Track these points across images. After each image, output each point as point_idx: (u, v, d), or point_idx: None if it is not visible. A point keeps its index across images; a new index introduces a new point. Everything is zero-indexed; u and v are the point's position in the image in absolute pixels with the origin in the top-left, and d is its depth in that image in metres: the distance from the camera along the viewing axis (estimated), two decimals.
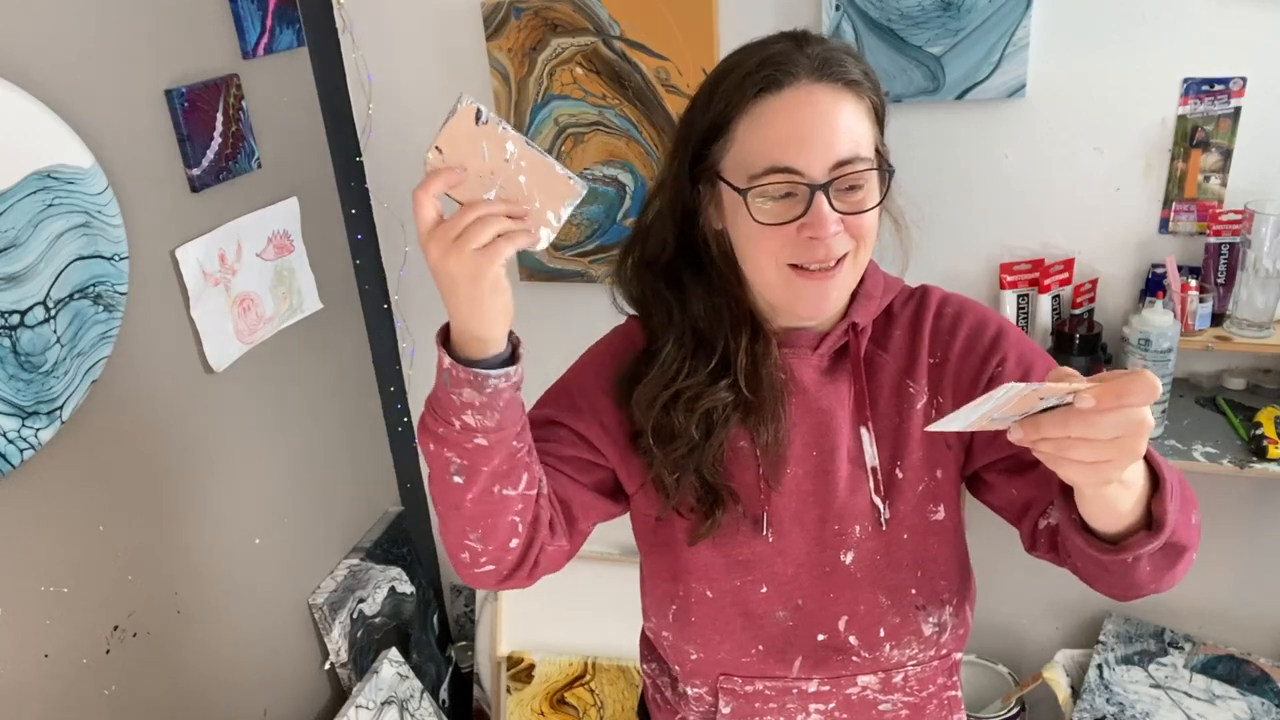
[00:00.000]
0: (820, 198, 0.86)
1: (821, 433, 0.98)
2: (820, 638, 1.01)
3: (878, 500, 0.98)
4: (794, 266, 0.91)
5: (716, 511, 0.98)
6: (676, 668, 1.08)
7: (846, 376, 0.99)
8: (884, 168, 0.92)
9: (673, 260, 1.00)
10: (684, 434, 0.96)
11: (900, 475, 0.98)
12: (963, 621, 1.04)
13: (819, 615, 1.00)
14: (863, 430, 0.98)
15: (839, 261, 0.90)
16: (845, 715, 1.05)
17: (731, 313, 0.98)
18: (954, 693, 1.08)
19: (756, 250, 0.92)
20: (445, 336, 0.87)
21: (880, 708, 1.05)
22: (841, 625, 1.00)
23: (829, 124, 0.87)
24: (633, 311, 1.06)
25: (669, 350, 0.98)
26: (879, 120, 0.95)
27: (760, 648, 1.02)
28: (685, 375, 0.97)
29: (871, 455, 0.98)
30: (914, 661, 1.03)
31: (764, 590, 1.00)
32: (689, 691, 1.08)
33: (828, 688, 1.03)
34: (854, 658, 1.01)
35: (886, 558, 0.99)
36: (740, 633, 1.01)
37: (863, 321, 0.98)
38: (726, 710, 1.05)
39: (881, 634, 1.00)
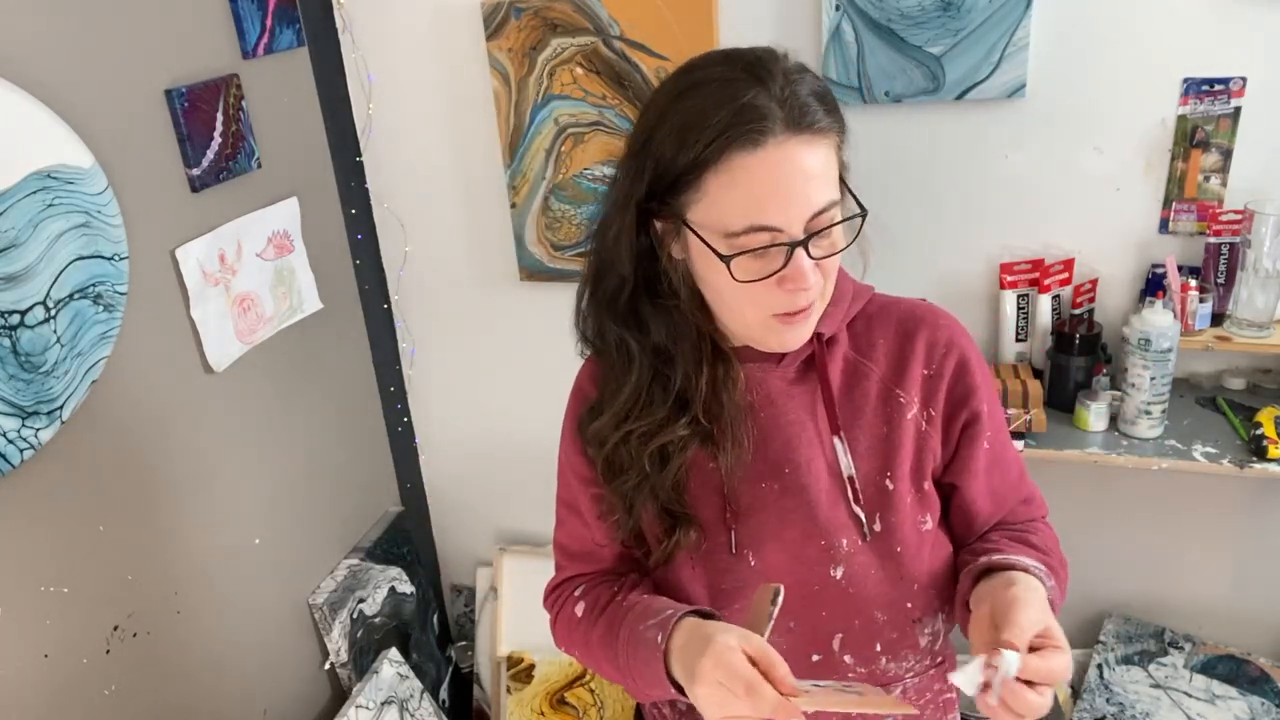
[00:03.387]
0: (800, 253, 0.85)
1: (793, 446, 0.97)
2: (815, 658, 0.99)
3: (858, 510, 0.96)
4: (775, 314, 0.90)
5: (677, 533, 0.97)
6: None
7: (817, 386, 0.98)
8: (859, 214, 0.90)
9: (633, 295, 0.96)
10: (634, 466, 0.96)
11: (891, 487, 0.97)
12: (952, 626, 1.05)
13: (812, 637, 0.99)
14: (836, 440, 0.97)
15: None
16: None
17: (693, 343, 0.96)
18: (949, 695, 1.08)
19: (738, 302, 0.90)
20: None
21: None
22: (836, 645, 0.99)
23: (807, 178, 0.84)
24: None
25: (627, 390, 0.97)
26: (841, 145, 0.91)
27: None
28: (639, 414, 0.96)
29: (847, 465, 0.96)
30: (911, 674, 1.02)
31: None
32: (683, 705, 1.07)
33: None
34: (850, 674, 1.00)
35: (882, 571, 0.97)
36: None
37: (828, 331, 0.97)
38: None
39: (878, 649, 0.99)
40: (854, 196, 0.92)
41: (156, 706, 1.48)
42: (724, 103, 0.84)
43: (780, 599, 0.85)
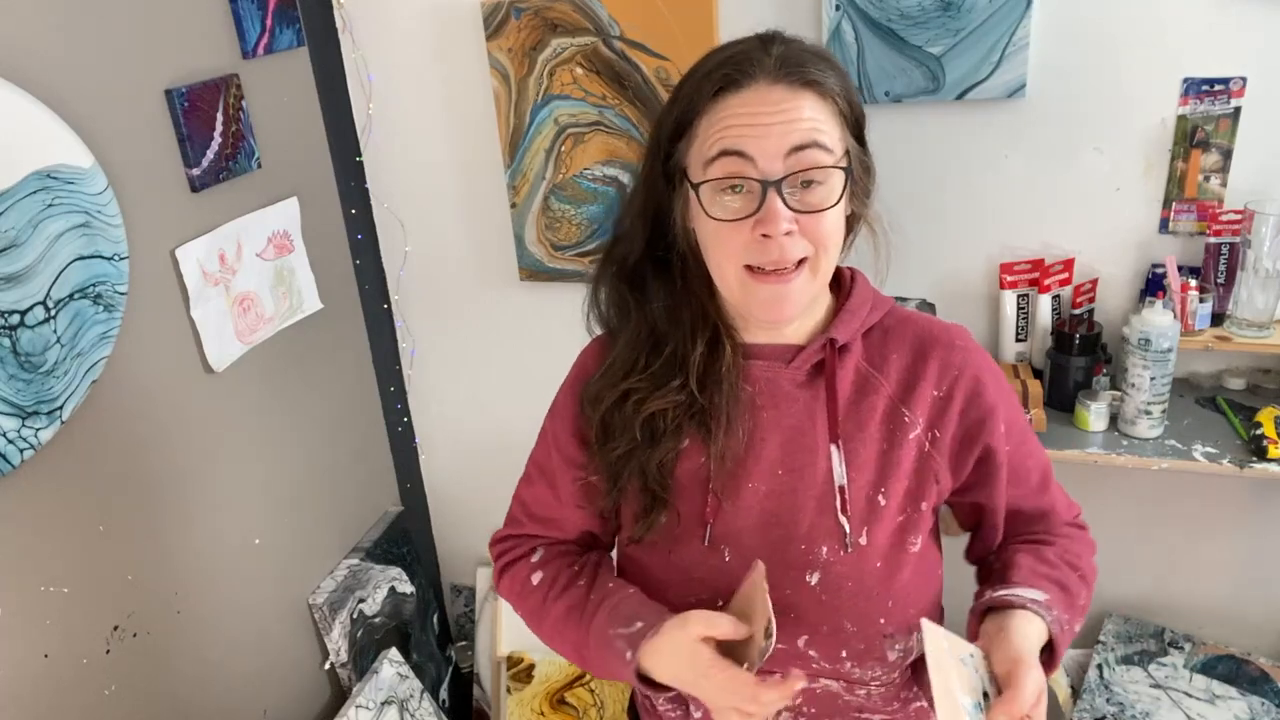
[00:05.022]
0: (772, 193, 0.86)
1: (791, 450, 0.97)
2: (779, 646, 0.98)
3: (843, 520, 0.96)
4: (750, 269, 0.90)
5: (654, 513, 0.98)
6: None
7: (823, 391, 0.97)
8: (847, 168, 0.90)
9: (639, 261, 0.99)
10: (626, 433, 0.97)
11: (882, 503, 0.96)
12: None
13: (778, 634, 0.99)
14: (833, 448, 0.96)
15: (797, 265, 0.89)
16: (814, 709, 1.03)
17: (692, 313, 0.97)
18: (919, 703, 1.07)
19: (716, 250, 0.92)
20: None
21: (848, 698, 1.04)
22: (801, 643, 0.98)
23: (784, 115, 0.86)
24: (598, 330, 1.07)
25: (621, 349, 0.99)
26: (852, 127, 0.93)
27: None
28: (636, 373, 0.98)
29: (840, 475, 0.96)
30: (877, 682, 1.02)
31: (720, 605, 0.97)
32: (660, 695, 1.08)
33: None
34: (813, 665, 1.00)
35: (857, 584, 0.96)
36: None
37: (842, 338, 0.97)
38: (698, 715, 1.06)
39: (843, 654, 0.99)
40: (850, 159, 0.91)
41: (156, 706, 1.48)
42: (718, 54, 0.92)
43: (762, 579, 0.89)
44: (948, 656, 0.88)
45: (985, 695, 0.88)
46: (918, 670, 1.05)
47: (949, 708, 0.84)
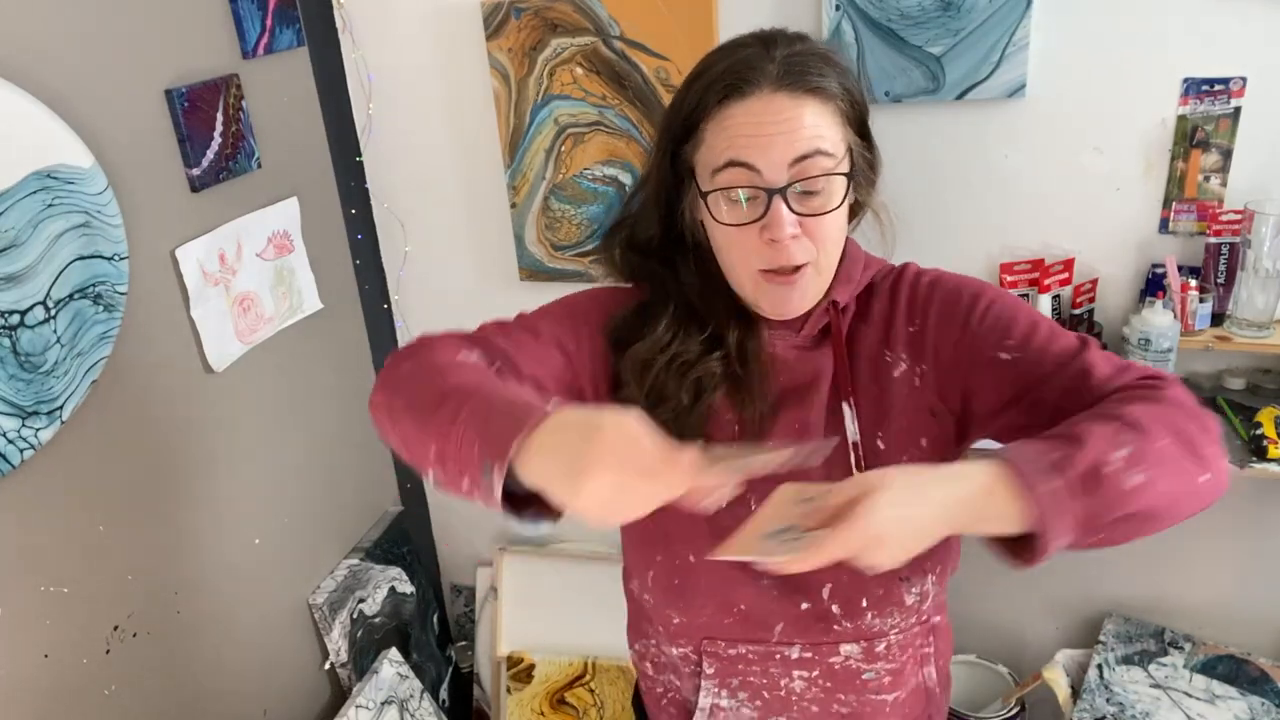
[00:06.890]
0: (777, 201, 0.90)
1: (806, 409, 1.01)
2: (804, 606, 1.02)
3: (856, 475, 0.98)
4: (762, 271, 0.95)
5: None
6: (660, 628, 1.11)
7: (830, 353, 1.02)
8: (850, 173, 0.94)
9: (661, 246, 1.03)
10: (674, 397, 1.00)
11: (882, 446, 1.00)
12: (943, 589, 1.08)
13: (802, 584, 1.01)
14: (844, 406, 1.00)
15: (801, 266, 0.94)
16: (829, 683, 1.07)
17: (721, 294, 1.01)
18: (927, 649, 1.11)
19: (729, 252, 0.96)
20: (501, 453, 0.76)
21: (864, 676, 1.07)
22: (825, 593, 1.02)
23: (789, 125, 0.89)
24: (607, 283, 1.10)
25: (665, 319, 1.01)
26: (856, 125, 0.96)
27: (742, 607, 1.03)
28: (679, 344, 1.01)
29: (853, 431, 1.00)
30: (896, 630, 1.05)
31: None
32: (675, 651, 1.10)
33: (810, 654, 1.05)
34: (835, 626, 1.03)
35: None
36: (722, 598, 1.03)
37: (843, 300, 1.01)
38: (710, 670, 1.08)
39: (864, 604, 1.02)
40: (854, 164, 0.94)
41: (156, 706, 1.48)
42: (724, 57, 0.94)
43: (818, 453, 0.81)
44: (774, 508, 0.80)
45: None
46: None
47: (739, 541, 0.76)
